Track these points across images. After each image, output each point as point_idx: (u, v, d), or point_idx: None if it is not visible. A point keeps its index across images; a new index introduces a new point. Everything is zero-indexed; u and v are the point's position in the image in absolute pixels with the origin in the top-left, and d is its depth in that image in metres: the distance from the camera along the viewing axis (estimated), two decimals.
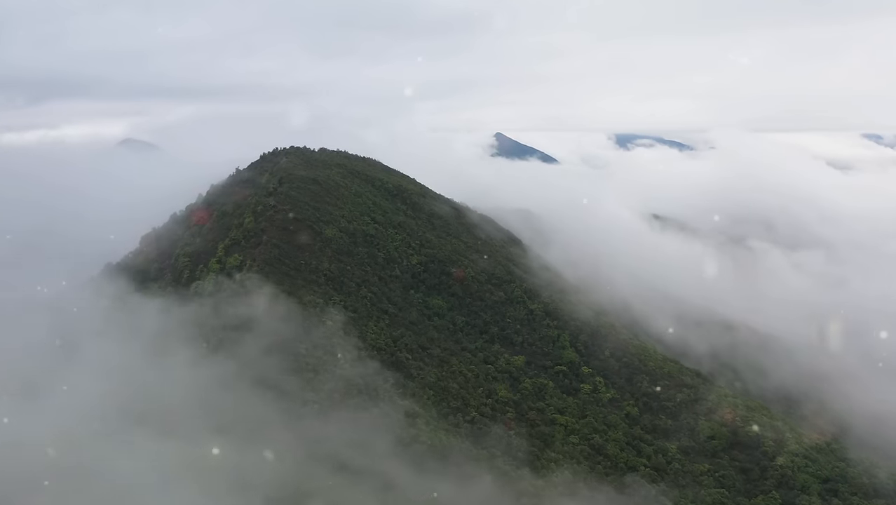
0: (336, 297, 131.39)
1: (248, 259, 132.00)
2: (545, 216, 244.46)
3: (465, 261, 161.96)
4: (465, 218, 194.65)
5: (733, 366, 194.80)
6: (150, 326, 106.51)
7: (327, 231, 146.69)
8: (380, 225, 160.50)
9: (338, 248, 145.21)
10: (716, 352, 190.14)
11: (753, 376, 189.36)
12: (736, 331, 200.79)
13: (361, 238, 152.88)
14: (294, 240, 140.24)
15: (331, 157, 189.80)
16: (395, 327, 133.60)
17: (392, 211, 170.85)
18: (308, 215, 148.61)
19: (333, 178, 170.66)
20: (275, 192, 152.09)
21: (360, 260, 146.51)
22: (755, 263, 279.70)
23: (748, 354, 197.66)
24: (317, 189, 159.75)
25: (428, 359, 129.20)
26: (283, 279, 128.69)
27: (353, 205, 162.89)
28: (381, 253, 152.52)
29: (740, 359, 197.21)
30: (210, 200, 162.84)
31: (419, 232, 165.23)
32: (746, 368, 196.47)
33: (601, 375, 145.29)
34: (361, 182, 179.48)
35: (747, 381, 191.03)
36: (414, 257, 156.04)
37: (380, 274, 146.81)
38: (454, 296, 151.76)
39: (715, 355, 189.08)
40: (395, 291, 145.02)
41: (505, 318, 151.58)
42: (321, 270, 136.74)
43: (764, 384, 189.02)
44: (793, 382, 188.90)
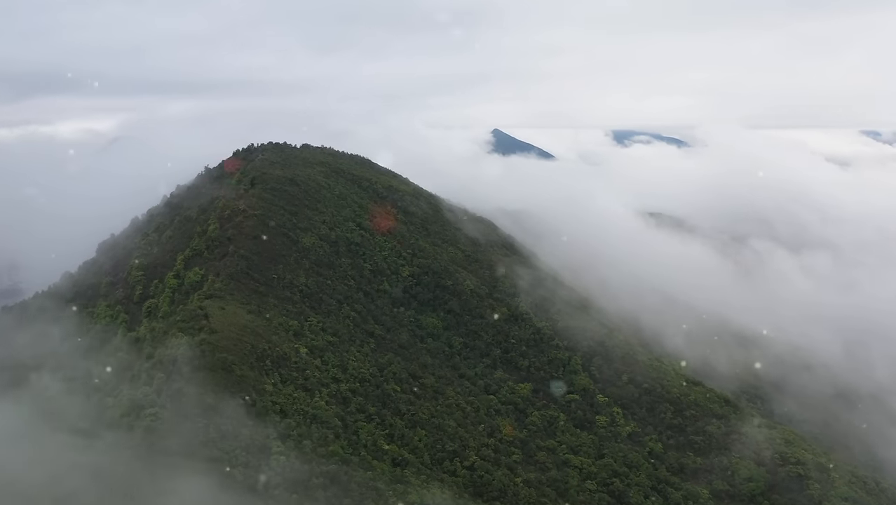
0: (313, 317, 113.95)
1: (211, 273, 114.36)
2: (544, 216, 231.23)
3: (462, 273, 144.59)
4: (463, 222, 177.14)
5: (757, 386, 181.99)
6: (46, 383, 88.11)
7: (305, 239, 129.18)
8: (367, 232, 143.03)
9: (317, 260, 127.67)
10: (738, 369, 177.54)
11: (781, 398, 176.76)
12: (755, 344, 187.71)
13: (345, 247, 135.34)
14: (266, 250, 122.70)
15: (313, 155, 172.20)
16: (381, 352, 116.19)
17: (381, 215, 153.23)
18: (283, 221, 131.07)
19: (315, 178, 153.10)
20: (245, 195, 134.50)
21: (343, 273, 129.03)
22: (762, 266, 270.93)
23: (772, 371, 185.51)
24: (295, 191, 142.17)
25: (420, 390, 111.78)
26: (250, 297, 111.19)
27: (338, 209, 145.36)
28: (368, 264, 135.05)
29: (764, 377, 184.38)
30: (173, 203, 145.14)
31: (411, 239, 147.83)
32: (772, 387, 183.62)
33: (619, 404, 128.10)
34: (347, 183, 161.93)
35: (775, 403, 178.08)
36: (405, 269, 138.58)
37: (365, 289, 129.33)
38: (451, 313, 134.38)
39: (738, 374, 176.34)
40: (383, 309, 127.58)
41: (509, 338, 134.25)
42: (297, 285, 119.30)
43: (793, 407, 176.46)
44: (822, 403, 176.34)
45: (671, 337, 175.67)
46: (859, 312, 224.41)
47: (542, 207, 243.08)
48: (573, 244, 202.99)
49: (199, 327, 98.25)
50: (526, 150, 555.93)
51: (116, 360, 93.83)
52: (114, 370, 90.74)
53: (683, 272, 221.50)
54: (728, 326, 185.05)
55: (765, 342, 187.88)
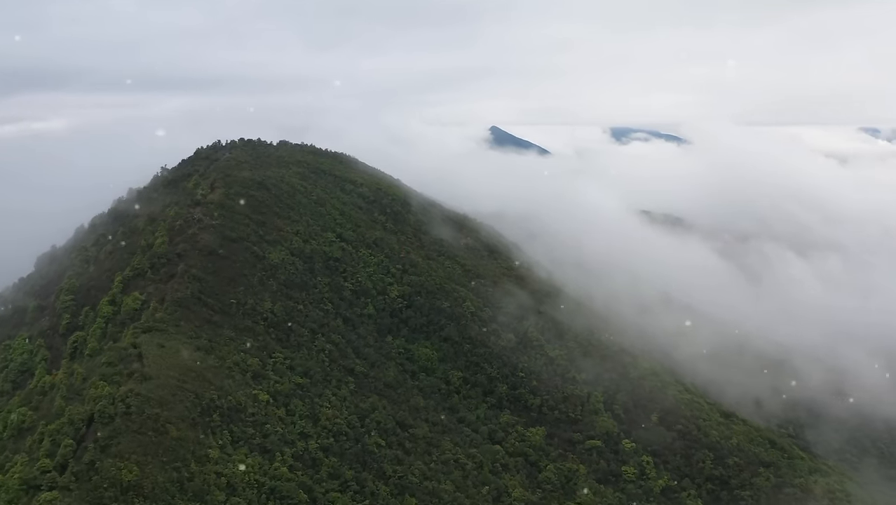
0: (279, 353, 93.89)
1: (154, 299, 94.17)
2: (543, 218, 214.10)
3: (461, 291, 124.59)
4: (462, 230, 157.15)
5: (791, 411, 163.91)
6: None
7: (273, 254, 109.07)
8: (348, 244, 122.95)
9: (287, 279, 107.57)
10: (767, 392, 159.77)
11: (822, 430, 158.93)
12: (781, 363, 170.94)
13: (322, 263, 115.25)
14: (224, 269, 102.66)
15: (290, 153, 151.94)
16: (363, 395, 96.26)
17: (367, 224, 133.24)
18: (248, 233, 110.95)
19: (289, 180, 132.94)
20: (203, 201, 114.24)
21: (319, 295, 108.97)
22: (772, 271, 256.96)
23: (802, 393, 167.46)
24: (264, 196, 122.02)
25: (410, 443, 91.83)
26: (200, 329, 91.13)
27: (314, 217, 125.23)
28: (349, 283, 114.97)
29: (796, 400, 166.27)
30: (119, 211, 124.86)
31: (402, 252, 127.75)
32: (805, 413, 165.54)
33: (649, 451, 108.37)
34: (328, 185, 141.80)
35: (814, 433, 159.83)
36: (394, 288, 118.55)
37: (345, 314, 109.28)
38: (447, 341, 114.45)
39: (769, 399, 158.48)
40: (366, 339, 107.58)
41: (517, 370, 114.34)
42: (260, 312, 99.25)
43: (832, 436, 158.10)
44: (868, 435, 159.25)
45: (693, 358, 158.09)
46: (881, 317, 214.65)
47: (541, 208, 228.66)
48: (575, 248, 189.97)
49: (129, 373, 78.25)
50: (524, 148, 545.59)
51: (17, 417, 73.57)
52: (10, 435, 70.57)
53: (690, 277, 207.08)
54: (749, 341, 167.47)
55: (789, 357, 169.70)
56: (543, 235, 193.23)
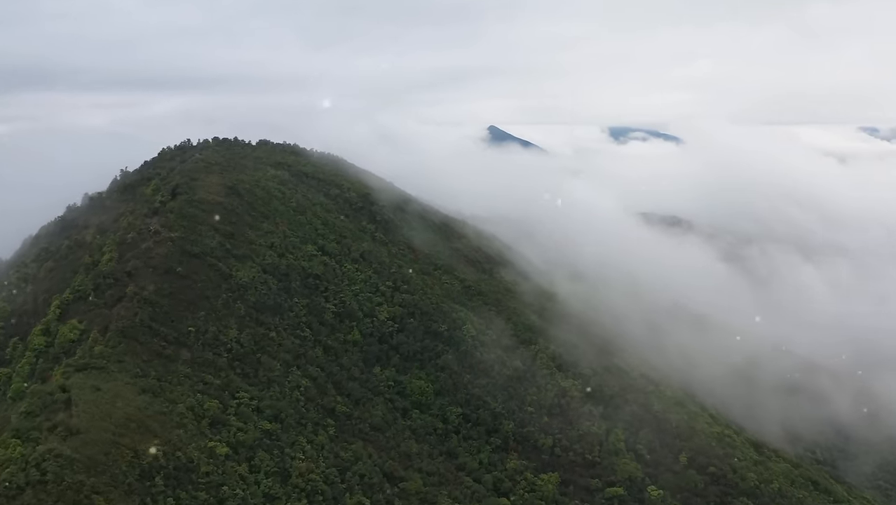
0: (244, 392, 79.45)
1: (96, 327, 79.66)
2: (541, 220, 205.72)
3: (461, 311, 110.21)
4: (461, 239, 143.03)
5: (824, 437, 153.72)
6: None
7: (242, 272, 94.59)
8: (332, 258, 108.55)
9: (258, 301, 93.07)
10: (796, 416, 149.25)
11: (851, 451, 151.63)
12: (804, 381, 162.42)
13: (300, 281, 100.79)
14: (182, 290, 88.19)
15: (270, 154, 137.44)
16: (345, 440, 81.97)
17: (354, 234, 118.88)
18: (212, 247, 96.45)
19: (265, 185, 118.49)
20: (162, 210, 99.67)
21: (295, 319, 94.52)
22: (781, 277, 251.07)
23: (830, 414, 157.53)
24: (234, 203, 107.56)
25: (401, 501, 77.44)
26: (149, 365, 76.69)
27: (293, 227, 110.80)
28: (332, 305, 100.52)
29: (826, 421, 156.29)
30: (67, 221, 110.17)
31: (393, 266, 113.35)
32: (838, 437, 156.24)
33: (679, 498, 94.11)
34: (311, 190, 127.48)
35: (848, 460, 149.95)
36: (383, 309, 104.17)
37: (326, 341, 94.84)
38: (445, 371, 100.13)
39: (798, 424, 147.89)
40: (351, 370, 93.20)
41: (524, 404, 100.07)
42: (224, 341, 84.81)
43: (870, 465, 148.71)
44: None
45: (713, 378, 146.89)
46: None
47: (540, 209, 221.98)
48: (576, 252, 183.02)
49: (52, 426, 63.83)
50: (522, 147, 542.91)
51: None
52: None
53: (696, 283, 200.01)
54: (766, 354, 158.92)
55: (809, 372, 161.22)
56: (543, 239, 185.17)
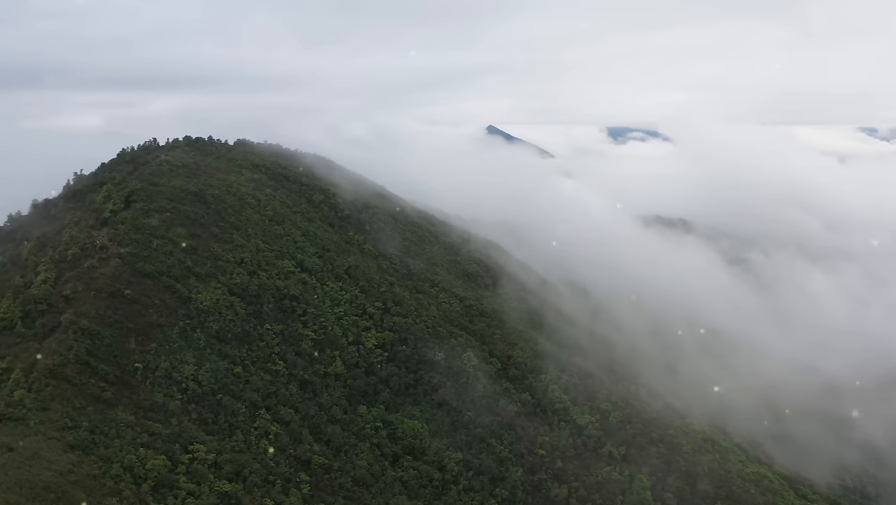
0: (200, 444, 66.11)
1: (20, 365, 66.27)
2: (541, 223, 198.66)
3: (462, 336, 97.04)
4: (459, 251, 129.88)
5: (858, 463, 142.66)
6: None
7: (204, 294, 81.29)
8: (312, 275, 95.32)
9: (222, 330, 79.77)
10: (828, 441, 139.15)
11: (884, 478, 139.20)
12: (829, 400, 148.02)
13: (273, 304, 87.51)
14: (130, 317, 74.86)
15: (246, 155, 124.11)
16: (322, 500, 68.73)
17: (338, 246, 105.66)
18: (170, 264, 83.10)
19: (240, 190, 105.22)
20: (113, 220, 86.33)
21: (266, 350, 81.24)
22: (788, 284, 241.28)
23: (861, 438, 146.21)
24: (200, 212, 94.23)
25: None
26: (82, 413, 63.37)
27: (268, 238, 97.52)
28: (311, 331, 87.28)
29: (856, 445, 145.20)
30: (5, 233, 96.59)
31: (383, 284, 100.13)
32: (869, 461, 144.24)
33: None
34: (291, 196, 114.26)
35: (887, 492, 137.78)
36: (371, 335, 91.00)
37: (303, 375, 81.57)
38: (442, 408, 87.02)
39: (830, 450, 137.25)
40: (332, 410, 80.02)
41: (535, 447, 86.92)
42: (178, 379, 71.54)
43: None
44: None
45: (738, 406, 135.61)
46: None
47: (538, 212, 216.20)
48: (578, 257, 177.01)
49: None
50: (520, 147, 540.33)
51: None
52: None
53: (703, 292, 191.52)
54: (786, 372, 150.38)
55: (832, 389, 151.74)
56: (542, 244, 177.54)
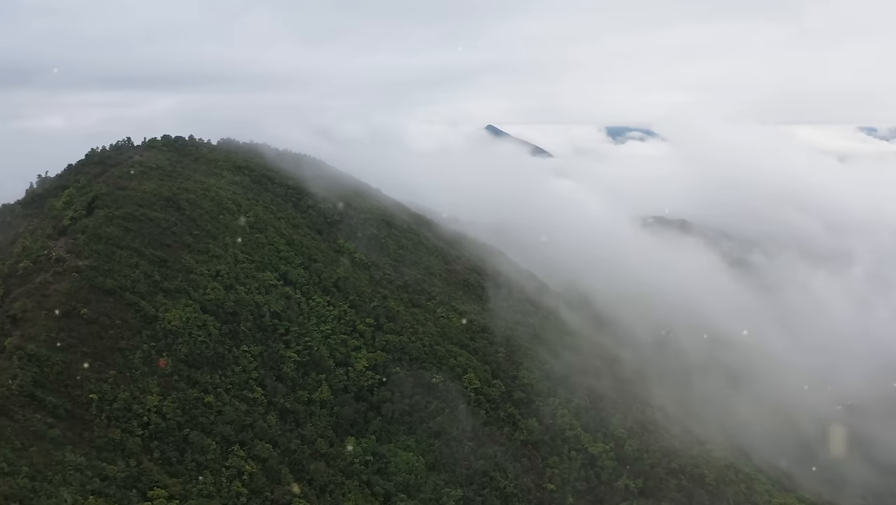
0: (163, 488, 57.64)
1: None
2: (540, 226, 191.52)
3: (462, 355, 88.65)
4: (459, 258, 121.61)
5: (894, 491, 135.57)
6: None
7: (173, 313, 72.82)
8: (297, 289, 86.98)
9: (192, 353, 71.26)
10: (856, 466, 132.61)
11: None
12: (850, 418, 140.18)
13: (252, 322, 79.07)
14: (87, 341, 66.41)
15: (229, 156, 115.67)
16: None
17: (327, 256, 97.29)
18: (135, 279, 74.62)
19: (219, 194, 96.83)
20: (71, 229, 77.89)
21: (242, 376, 72.79)
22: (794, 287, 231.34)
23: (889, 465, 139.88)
24: (172, 219, 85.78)
25: None
26: (23, 454, 54.93)
27: (248, 248, 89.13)
28: (294, 352, 78.89)
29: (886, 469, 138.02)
30: None
31: (375, 298, 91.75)
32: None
33: None
34: (275, 201, 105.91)
35: None
36: (361, 356, 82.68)
37: (284, 404, 73.14)
38: (440, 437, 78.63)
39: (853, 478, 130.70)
40: (316, 444, 71.58)
41: (544, 480, 78.59)
42: (139, 413, 63.07)
43: None
44: None
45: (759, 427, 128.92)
46: None
47: (538, 214, 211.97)
48: (580, 261, 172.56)
49: None
50: (519, 147, 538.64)
51: None
52: None
53: (708, 297, 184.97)
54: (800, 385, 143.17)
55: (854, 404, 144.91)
56: (542, 248, 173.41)
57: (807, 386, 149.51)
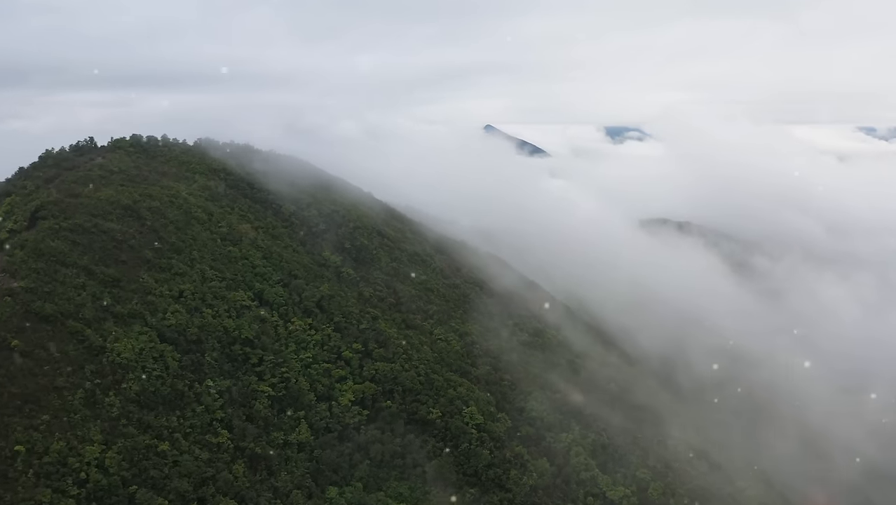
0: None
1: None
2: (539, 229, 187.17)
3: (462, 385, 78.51)
4: (459, 270, 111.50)
5: None
6: None
7: (124, 343, 62.56)
8: (274, 311, 76.76)
9: (145, 392, 60.96)
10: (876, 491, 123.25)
11: None
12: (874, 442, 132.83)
13: (218, 351, 68.84)
14: (14, 380, 56.20)
15: (203, 158, 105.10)
16: None
17: (309, 272, 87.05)
18: (78, 303, 64.36)
19: (187, 202, 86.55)
20: (8, 244, 67.57)
21: (204, 417, 62.55)
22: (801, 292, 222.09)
23: None
24: (130, 231, 75.57)
25: None
26: None
27: (218, 263, 78.88)
28: (267, 385, 68.64)
29: None
30: None
31: (364, 320, 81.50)
32: None
33: None
34: (253, 208, 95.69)
35: None
36: (347, 388, 72.53)
37: (254, 449, 62.87)
38: (437, 483, 68.29)
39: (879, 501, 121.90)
40: (291, 497, 61.21)
41: None
42: (75, 468, 52.83)
43: None
44: None
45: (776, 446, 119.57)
46: None
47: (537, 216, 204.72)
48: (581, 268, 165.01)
49: None
50: (518, 147, 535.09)
51: None
52: None
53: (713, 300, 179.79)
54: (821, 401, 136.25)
55: None
56: (542, 254, 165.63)
57: (834, 404, 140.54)
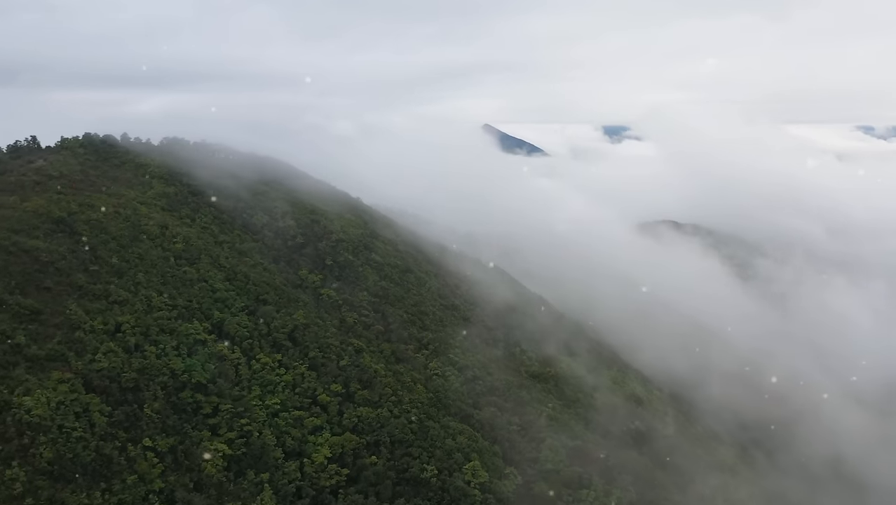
0: None
1: None
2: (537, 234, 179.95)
3: (464, 433, 66.06)
4: (457, 287, 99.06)
5: None
6: None
7: (35, 397, 49.87)
8: (234, 344, 64.17)
9: (60, 459, 48.34)
10: None
11: None
12: None
13: (162, 401, 56.23)
14: None
15: (166, 160, 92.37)
16: None
17: (281, 295, 74.43)
18: None
19: (136, 212, 73.94)
20: None
21: (136, 490, 49.95)
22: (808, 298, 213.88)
23: None
24: (60, 250, 62.98)
25: None
26: None
27: (172, 287, 66.20)
28: (222, 442, 56.04)
29: None
30: None
31: (346, 353, 69.00)
32: None
33: None
34: (217, 219, 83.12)
35: None
36: (323, 440, 60.04)
37: None
38: None
39: None
40: None
41: None
42: None
43: None
44: None
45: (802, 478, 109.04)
46: None
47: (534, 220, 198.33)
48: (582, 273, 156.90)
49: None
50: (517, 147, 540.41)
51: None
52: None
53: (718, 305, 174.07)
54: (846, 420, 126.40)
55: None
56: (541, 254, 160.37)
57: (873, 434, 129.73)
